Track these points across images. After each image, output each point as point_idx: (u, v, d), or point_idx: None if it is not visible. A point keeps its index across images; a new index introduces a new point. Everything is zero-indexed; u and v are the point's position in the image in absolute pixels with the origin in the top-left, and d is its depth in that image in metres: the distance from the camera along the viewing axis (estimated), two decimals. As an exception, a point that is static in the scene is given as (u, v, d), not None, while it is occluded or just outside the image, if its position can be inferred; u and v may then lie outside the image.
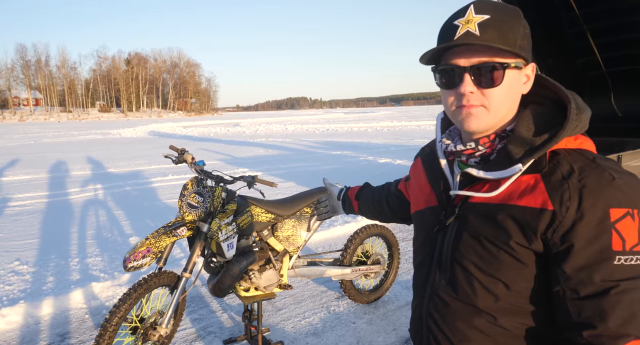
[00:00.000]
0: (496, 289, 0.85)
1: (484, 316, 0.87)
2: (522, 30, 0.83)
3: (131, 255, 2.46)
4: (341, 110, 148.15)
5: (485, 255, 0.85)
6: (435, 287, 0.94)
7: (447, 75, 0.86)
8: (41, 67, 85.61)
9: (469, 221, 0.88)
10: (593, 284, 0.75)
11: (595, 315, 0.74)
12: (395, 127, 28.62)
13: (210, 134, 26.64)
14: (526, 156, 0.82)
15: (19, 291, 3.71)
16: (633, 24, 4.84)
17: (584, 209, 0.75)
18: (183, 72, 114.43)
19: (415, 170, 1.12)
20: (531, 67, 0.87)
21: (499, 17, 0.81)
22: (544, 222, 0.78)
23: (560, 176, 0.79)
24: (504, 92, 0.83)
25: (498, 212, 0.83)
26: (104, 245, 4.93)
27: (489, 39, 0.79)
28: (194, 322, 3.27)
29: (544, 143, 0.82)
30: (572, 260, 0.76)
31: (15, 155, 14.71)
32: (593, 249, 0.75)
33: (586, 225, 0.75)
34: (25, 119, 67.33)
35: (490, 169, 0.86)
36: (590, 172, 0.78)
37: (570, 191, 0.77)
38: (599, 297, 0.74)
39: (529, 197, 0.81)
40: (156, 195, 7.69)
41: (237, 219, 2.74)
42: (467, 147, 0.90)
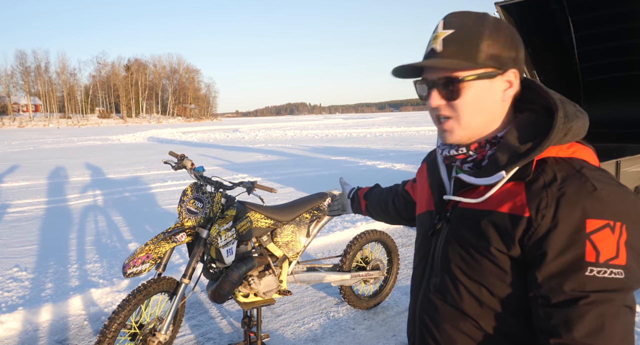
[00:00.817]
0: (480, 294, 0.85)
1: (469, 321, 0.88)
2: (488, 40, 0.82)
3: (130, 261, 2.46)
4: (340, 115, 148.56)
5: (470, 261, 0.86)
6: (427, 290, 0.96)
7: (420, 90, 0.90)
8: (41, 73, 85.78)
9: (457, 226, 0.89)
10: (563, 293, 0.74)
11: (562, 323, 0.74)
12: (394, 132, 28.68)
13: (209, 139, 26.67)
14: (510, 164, 0.82)
15: (17, 297, 3.69)
16: (630, 31, 4.88)
17: (559, 217, 0.75)
18: (182, 78, 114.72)
19: (421, 174, 1.15)
20: (511, 73, 0.85)
21: (463, 31, 0.82)
22: (521, 229, 0.78)
23: (542, 184, 0.79)
24: (469, 104, 0.84)
25: (481, 218, 0.84)
26: (103, 251, 4.92)
27: (448, 54, 0.82)
28: (193, 328, 3.26)
29: (528, 151, 0.81)
30: (544, 268, 0.76)
31: (15, 162, 14.70)
32: (565, 259, 0.74)
33: (560, 234, 0.75)
34: (24, 125, 67.36)
35: (479, 175, 0.87)
36: (572, 181, 0.77)
37: (548, 199, 0.77)
38: (567, 307, 0.74)
39: (509, 204, 0.81)
40: (155, 201, 7.68)
41: (236, 224, 2.75)
42: (459, 152, 0.91)
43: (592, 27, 5.11)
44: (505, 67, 0.85)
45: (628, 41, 5.00)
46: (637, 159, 4.56)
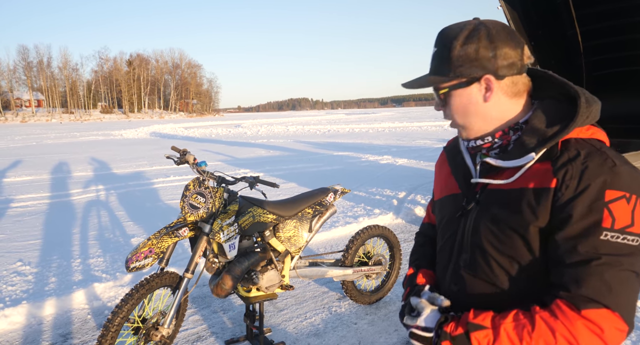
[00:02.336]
0: (510, 266, 0.94)
1: (498, 291, 0.97)
2: (458, 51, 0.92)
3: (133, 256, 2.46)
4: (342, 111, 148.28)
5: (501, 236, 0.94)
6: (457, 266, 1.05)
7: None
8: (43, 68, 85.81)
9: (488, 206, 0.98)
10: (578, 253, 0.83)
11: (573, 280, 0.83)
12: (396, 128, 28.61)
13: (211, 134, 26.67)
14: (539, 146, 0.91)
15: (21, 292, 3.72)
16: (634, 25, 4.83)
17: (581, 187, 0.84)
18: (184, 73, 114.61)
19: (441, 163, 1.22)
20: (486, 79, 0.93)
21: (440, 48, 0.95)
22: (549, 198, 0.87)
23: (567, 159, 0.88)
24: (456, 109, 0.98)
25: (513, 197, 0.93)
26: (106, 246, 4.94)
27: (433, 71, 0.97)
28: (196, 323, 3.28)
29: (556, 133, 0.90)
30: (564, 230, 0.85)
31: (18, 157, 14.75)
32: (583, 223, 0.83)
33: (581, 201, 0.83)
34: (27, 120, 67.50)
35: (507, 158, 0.95)
36: (595, 157, 0.86)
37: (573, 171, 0.86)
38: (580, 266, 0.83)
39: (538, 179, 0.90)
40: (158, 196, 7.70)
41: (238, 219, 2.75)
42: (485, 141, 1.00)
43: (596, 21, 5.07)
44: (481, 73, 0.92)
45: (633, 36, 4.96)
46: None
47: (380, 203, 6.72)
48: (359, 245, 3.38)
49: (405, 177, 8.98)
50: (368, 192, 7.57)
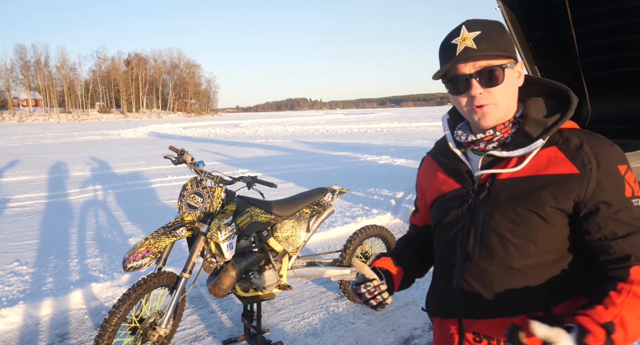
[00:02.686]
0: (528, 248, 1.00)
1: (517, 275, 1.01)
2: (508, 37, 1.02)
3: (131, 256, 2.46)
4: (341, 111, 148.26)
5: (519, 221, 0.99)
6: (470, 256, 1.06)
7: (456, 83, 1.03)
8: (40, 67, 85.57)
9: (501, 194, 1.03)
10: (626, 225, 0.93)
11: (636, 248, 0.92)
12: (394, 128, 28.64)
13: (210, 134, 26.65)
14: (543, 133, 1.00)
15: (18, 292, 3.71)
16: (633, 26, 4.85)
17: (602, 168, 0.95)
18: (183, 73, 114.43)
19: (427, 167, 1.26)
20: (520, 64, 1.05)
21: (488, 31, 0.99)
22: (575, 184, 0.95)
23: (575, 146, 0.98)
24: (505, 88, 1.01)
25: (529, 183, 0.99)
26: (103, 245, 4.93)
27: (485, 49, 0.98)
28: (194, 323, 3.27)
29: (556, 122, 1.01)
30: (605, 209, 0.94)
31: (15, 156, 14.71)
32: (618, 199, 0.94)
33: (608, 181, 0.94)
34: (24, 120, 67.30)
35: (512, 148, 1.02)
36: (596, 141, 0.98)
37: (588, 156, 0.96)
38: (633, 234, 0.93)
39: (555, 166, 0.98)
40: (156, 195, 7.69)
41: (236, 219, 2.75)
42: (486, 134, 1.06)
43: (594, 22, 5.08)
44: (517, 60, 1.04)
45: (630, 37, 4.97)
46: (637, 155, 4.55)
47: (378, 203, 6.73)
48: (357, 245, 3.38)
49: (403, 177, 8.98)
50: (366, 192, 7.58)
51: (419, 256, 1.31)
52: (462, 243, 1.09)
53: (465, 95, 1.02)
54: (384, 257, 1.27)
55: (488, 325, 1.05)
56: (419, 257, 1.31)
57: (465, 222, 1.08)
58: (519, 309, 1.02)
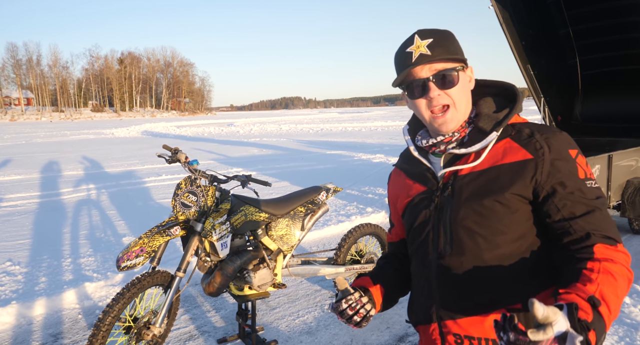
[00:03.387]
0: (496, 238, 1.02)
1: (490, 267, 1.02)
2: (457, 44, 1.08)
3: (124, 255, 2.45)
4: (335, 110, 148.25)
5: (484, 211, 1.02)
6: (443, 255, 1.07)
7: (416, 88, 1.07)
8: (33, 66, 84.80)
9: (464, 188, 1.06)
10: (582, 205, 0.97)
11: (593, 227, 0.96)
12: (389, 126, 28.68)
13: (204, 133, 26.55)
14: (496, 126, 1.06)
15: (11, 292, 3.68)
16: (625, 25, 4.89)
17: (554, 151, 1.00)
18: (176, 72, 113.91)
19: (395, 179, 1.29)
20: (470, 69, 1.10)
21: (439, 38, 1.05)
22: (531, 169, 1.00)
23: (526, 135, 1.04)
24: (461, 89, 1.06)
25: (489, 174, 1.04)
26: (97, 245, 4.90)
27: (439, 54, 1.03)
28: (188, 322, 3.27)
29: (506, 115, 1.07)
30: (564, 190, 0.98)
31: (7, 156, 14.58)
32: (572, 181, 0.99)
33: (561, 165, 0.99)
34: (16, 119, 66.68)
35: (470, 145, 1.06)
36: (545, 129, 1.05)
37: (540, 142, 1.01)
38: (590, 214, 0.96)
39: (510, 155, 1.03)
40: (150, 195, 7.66)
41: (230, 218, 2.75)
42: (445, 136, 1.10)
43: (587, 21, 5.12)
44: (467, 64, 1.09)
45: (622, 35, 5.01)
46: (628, 153, 4.60)
47: (372, 201, 6.74)
48: (352, 243, 3.39)
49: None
50: (360, 191, 7.59)
51: (399, 273, 1.27)
52: (433, 243, 1.10)
53: (424, 98, 1.06)
54: (362, 277, 1.25)
55: (468, 325, 1.04)
56: (400, 274, 1.27)
57: (434, 221, 1.10)
58: (497, 304, 1.02)
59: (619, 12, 4.78)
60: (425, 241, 1.12)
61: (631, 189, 4.61)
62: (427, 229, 1.11)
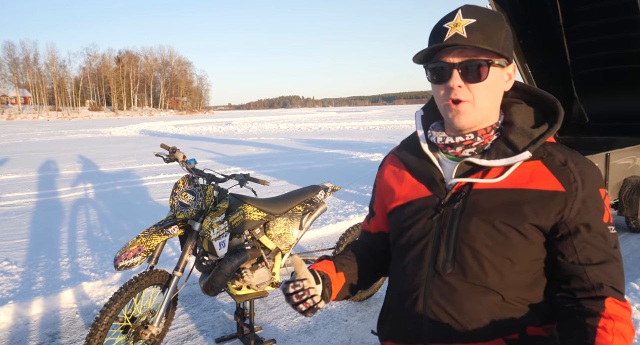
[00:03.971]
0: (503, 267, 0.92)
1: (491, 295, 0.93)
2: (505, 33, 0.92)
3: (122, 254, 2.45)
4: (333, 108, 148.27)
5: (497, 236, 0.91)
6: (440, 273, 0.96)
7: (437, 72, 0.94)
8: (29, 65, 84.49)
9: (479, 205, 0.94)
10: (601, 251, 0.89)
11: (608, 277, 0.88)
12: (387, 125, 28.70)
13: (202, 132, 26.51)
14: (530, 145, 0.93)
15: (8, 291, 3.67)
16: (623, 24, 4.90)
17: (587, 188, 0.90)
18: (174, 71, 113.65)
19: (392, 168, 1.14)
20: (512, 66, 0.97)
21: (484, 21, 0.90)
22: (560, 202, 0.90)
23: (559, 162, 0.93)
24: (488, 87, 0.92)
25: (511, 196, 0.92)
26: (94, 244, 4.89)
27: (475, 40, 0.89)
28: (186, 321, 3.26)
29: (543, 134, 0.94)
30: (587, 232, 0.89)
31: (4, 155, 14.52)
32: (598, 222, 0.90)
33: (591, 204, 0.90)
34: (13, 118, 66.44)
35: (493, 158, 0.94)
36: (579, 159, 0.94)
37: (574, 174, 0.91)
38: (606, 263, 0.89)
39: (539, 181, 0.91)
40: (147, 194, 7.64)
41: (229, 217, 2.74)
42: (466, 138, 0.97)
43: (584, 20, 5.12)
44: (510, 60, 0.95)
45: (620, 34, 5.02)
46: (626, 151, 4.61)
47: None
48: (350, 242, 3.38)
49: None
50: (359, 190, 7.59)
51: (366, 266, 1.17)
52: (431, 258, 0.97)
53: (443, 86, 0.93)
54: (326, 260, 1.14)
55: None
56: (366, 266, 1.17)
57: (434, 234, 0.98)
58: (494, 333, 0.93)
59: (616, 11, 4.79)
60: (421, 253, 0.99)
61: (628, 188, 4.62)
62: (425, 242, 0.99)
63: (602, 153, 4.25)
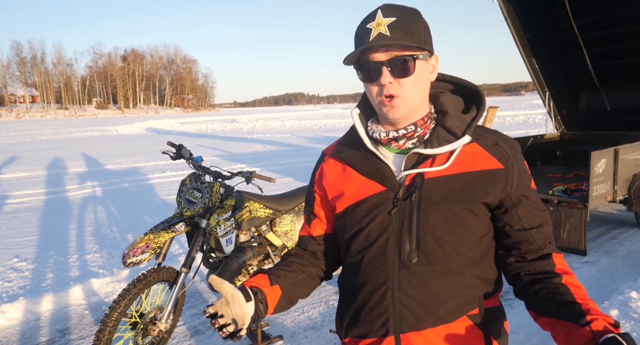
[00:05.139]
0: (462, 247, 0.99)
1: (455, 276, 0.99)
2: (423, 27, 0.97)
3: (130, 251, 2.47)
4: (339, 105, 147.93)
5: (455, 220, 0.98)
6: (407, 264, 0.98)
7: (368, 71, 0.98)
8: (37, 64, 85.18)
9: (435, 193, 0.98)
10: (539, 216, 1.01)
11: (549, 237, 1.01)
12: (393, 122, 28.58)
13: (207, 130, 26.58)
14: (466, 129, 1.00)
15: (18, 288, 3.71)
16: (630, 18, 4.84)
17: (518, 162, 1.00)
18: (180, 69, 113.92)
19: (332, 169, 1.13)
20: (435, 58, 1.02)
21: (403, 18, 0.94)
22: (502, 179, 0.98)
23: (492, 142, 1.01)
24: (416, 80, 0.97)
25: (462, 180, 0.98)
26: (102, 241, 4.93)
27: (398, 38, 0.93)
28: (194, 317, 3.29)
29: (474, 118, 1.02)
30: (526, 201, 1.00)
31: (12, 153, 14.66)
32: (531, 191, 1.01)
33: (525, 174, 1.01)
34: (21, 117, 67.04)
35: (436, 146, 1.00)
36: (504, 137, 1.04)
37: (506, 152, 1.00)
38: (544, 225, 1.01)
39: (481, 162, 0.99)
40: (154, 191, 7.68)
41: (235, 214, 2.75)
42: (408, 131, 1.01)
43: (591, 14, 5.07)
44: (432, 52, 1.00)
45: (628, 28, 4.96)
46: (635, 146, 4.56)
47: (376, 197, 6.73)
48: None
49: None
50: (365, 186, 7.58)
51: (305, 274, 1.15)
52: (394, 251, 0.99)
53: (376, 84, 0.97)
54: (260, 274, 1.11)
55: (432, 335, 0.98)
56: (305, 274, 1.15)
57: (395, 227, 0.99)
58: (459, 311, 0.99)
59: (624, 5, 4.73)
60: (383, 249, 1.00)
61: (638, 183, 4.57)
62: (386, 236, 1.00)
63: (611, 148, 4.21)
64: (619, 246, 4.51)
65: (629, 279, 3.66)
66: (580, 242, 3.75)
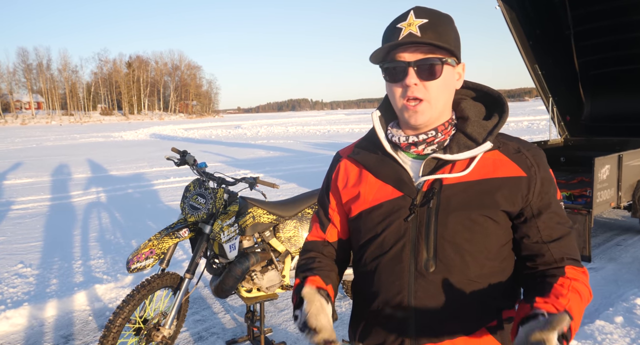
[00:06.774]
0: (482, 256, 0.95)
1: (474, 286, 0.95)
2: (454, 34, 0.96)
3: (134, 257, 2.48)
4: (342, 111, 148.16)
5: (475, 228, 0.94)
6: (424, 273, 0.95)
7: (393, 71, 0.95)
8: (43, 70, 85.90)
9: (454, 200, 0.95)
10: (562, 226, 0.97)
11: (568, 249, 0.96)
12: (396, 128, 28.57)
13: (211, 136, 26.68)
14: (488, 136, 0.97)
15: (22, 293, 3.73)
16: (632, 24, 4.84)
17: (542, 170, 0.97)
18: (184, 75, 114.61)
19: (348, 172, 1.09)
20: (462, 66, 1.00)
21: (435, 21, 0.93)
22: (524, 187, 0.95)
23: (514, 150, 0.98)
24: (442, 85, 0.94)
25: (482, 187, 0.95)
26: (106, 247, 4.95)
27: (428, 39, 0.91)
28: (197, 323, 3.29)
29: (496, 125, 0.99)
30: (547, 212, 0.96)
31: (18, 159, 14.76)
32: (555, 201, 0.98)
33: (549, 183, 0.97)
34: (27, 123, 67.54)
35: (456, 152, 0.97)
36: (528, 144, 1.01)
37: (530, 160, 0.97)
38: (565, 237, 0.96)
39: (502, 169, 0.96)
40: (158, 197, 7.71)
41: (239, 220, 2.76)
42: (429, 136, 0.98)
43: (594, 20, 5.08)
44: (459, 60, 0.98)
45: (631, 35, 4.97)
46: (639, 152, 4.54)
47: (380, 203, 6.72)
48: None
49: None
50: (368, 192, 7.58)
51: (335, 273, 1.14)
52: (410, 260, 0.96)
53: (400, 85, 0.94)
54: (311, 276, 1.06)
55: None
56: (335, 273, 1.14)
57: (412, 235, 0.96)
58: (477, 323, 0.96)
59: (626, 11, 4.74)
60: (398, 256, 0.97)
61: (642, 189, 4.55)
62: (402, 243, 0.96)
63: (615, 154, 4.20)
64: (624, 252, 4.48)
65: (634, 286, 3.64)
66: (585, 248, 3.74)
